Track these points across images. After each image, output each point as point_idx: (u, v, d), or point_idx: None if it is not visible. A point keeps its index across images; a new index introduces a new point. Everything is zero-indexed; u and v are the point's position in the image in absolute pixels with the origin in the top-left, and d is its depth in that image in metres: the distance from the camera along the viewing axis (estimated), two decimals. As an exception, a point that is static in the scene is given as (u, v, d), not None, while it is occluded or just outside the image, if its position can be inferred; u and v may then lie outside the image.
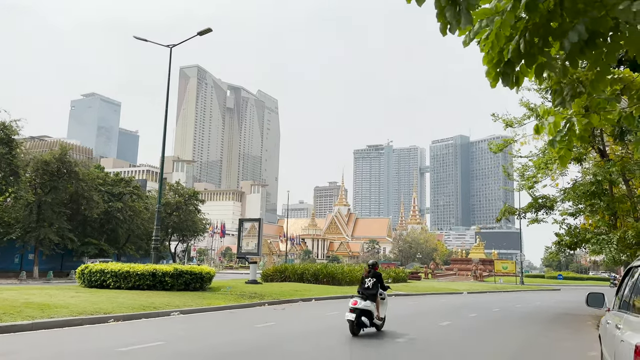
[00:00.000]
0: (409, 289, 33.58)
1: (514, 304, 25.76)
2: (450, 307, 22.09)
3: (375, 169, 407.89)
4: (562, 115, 4.25)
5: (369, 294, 11.27)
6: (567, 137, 4.18)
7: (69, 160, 40.67)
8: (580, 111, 4.29)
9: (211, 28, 21.92)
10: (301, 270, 32.77)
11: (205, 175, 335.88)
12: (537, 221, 20.76)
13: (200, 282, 20.22)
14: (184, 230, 59.21)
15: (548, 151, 19.04)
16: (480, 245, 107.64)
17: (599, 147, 18.80)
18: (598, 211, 18.33)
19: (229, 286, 21.92)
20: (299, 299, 20.97)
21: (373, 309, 11.04)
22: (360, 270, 36.73)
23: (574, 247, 18.98)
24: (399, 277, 43.02)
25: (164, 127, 22.14)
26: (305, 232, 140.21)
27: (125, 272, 19.22)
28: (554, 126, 4.21)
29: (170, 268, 19.54)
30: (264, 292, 21.59)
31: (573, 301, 31.17)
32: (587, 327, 15.99)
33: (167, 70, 23.38)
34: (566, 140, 4.20)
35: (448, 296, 31.98)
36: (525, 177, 20.42)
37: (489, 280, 67.42)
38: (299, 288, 25.16)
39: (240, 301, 17.84)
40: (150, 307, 14.45)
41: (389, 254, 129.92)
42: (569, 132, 4.18)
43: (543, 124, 4.21)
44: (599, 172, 16.22)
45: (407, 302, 23.72)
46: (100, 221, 46.71)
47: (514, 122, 20.38)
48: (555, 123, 4.19)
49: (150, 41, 23.54)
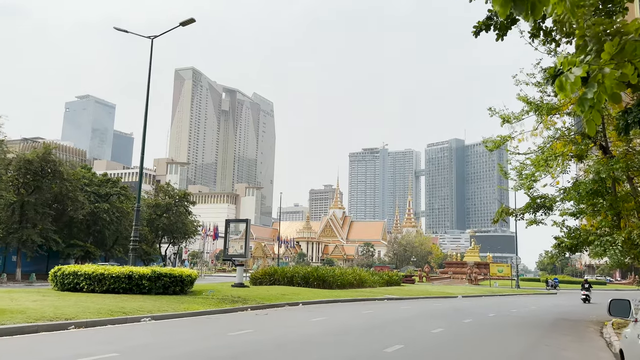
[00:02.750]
0: (402, 293, 32.55)
1: (510, 309, 24.76)
2: (445, 311, 21.07)
3: (370, 172, 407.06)
4: (591, 65, 3.23)
5: None
6: (597, 94, 3.16)
7: (53, 159, 39.44)
8: (609, 62, 3.28)
9: (194, 18, 20.88)
10: (291, 273, 31.68)
11: (199, 178, 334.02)
12: (535, 222, 19.72)
13: (180, 286, 19.12)
14: (175, 232, 58.03)
15: (549, 147, 18.08)
16: (475, 248, 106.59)
17: (601, 143, 17.84)
18: (600, 211, 17.34)
19: (211, 290, 20.80)
20: (286, 303, 19.88)
21: None
22: (353, 274, 35.69)
23: (575, 250, 17.99)
24: (393, 281, 41.95)
25: (144, 120, 21.07)
26: (300, 235, 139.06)
27: (100, 275, 18.10)
28: (579, 84, 3.19)
29: (148, 270, 18.43)
30: (249, 296, 20.50)
31: (570, 305, 30.25)
32: (590, 333, 15.00)
33: (151, 64, 22.26)
34: (596, 100, 3.19)
35: (442, 300, 30.97)
36: (524, 176, 19.40)
37: (484, 284, 66.48)
38: (287, 292, 24.08)
39: (220, 306, 16.73)
40: (120, 312, 13.34)
41: (384, 257, 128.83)
42: (599, 88, 3.16)
43: (567, 77, 3.18)
44: (602, 169, 15.23)
45: (400, 307, 22.69)
46: (86, 222, 45.45)
47: (512, 118, 19.41)
48: (583, 77, 3.17)
49: (131, 32, 22.48)
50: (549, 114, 18.23)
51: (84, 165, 57.79)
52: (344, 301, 23.67)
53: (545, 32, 15.07)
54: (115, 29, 21.99)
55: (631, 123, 14.38)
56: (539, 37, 15.46)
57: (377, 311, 19.45)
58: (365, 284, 35.92)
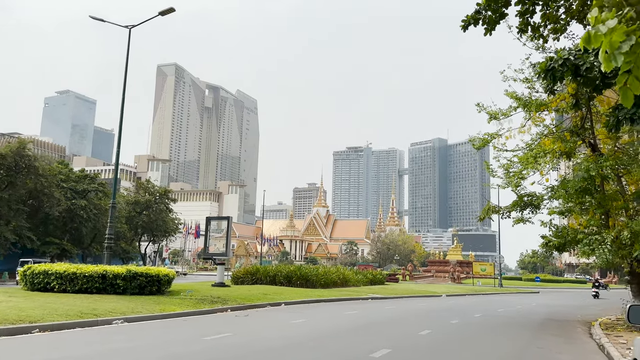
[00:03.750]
0: (387, 292, 32.12)
1: (496, 308, 24.47)
2: (430, 311, 20.64)
3: (354, 170, 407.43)
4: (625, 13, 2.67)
5: None
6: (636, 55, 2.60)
7: (28, 154, 38.19)
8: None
9: (174, 8, 20.11)
10: (274, 272, 31.02)
11: (182, 175, 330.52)
12: (522, 221, 19.36)
13: (157, 286, 18.35)
14: (155, 230, 56.83)
15: (538, 144, 17.71)
16: (457, 247, 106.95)
17: (589, 140, 17.55)
18: (589, 210, 17.03)
19: (190, 290, 20.05)
20: (268, 303, 19.24)
21: None
22: (337, 273, 35.11)
23: (563, 249, 17.66)
24: (377, 279, 41.54)
25: (121, 111, 20.25)
26: (283, 233, 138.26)
27: (72, 274, 17.26)
28: (613, 34, 2.61)
29: (123, 270, 17.62)
30: (229, 296, 19.80)
31: (555, 305, 30.14)
32: (579, 334, 14.66)
33: (129, 55, 21.45)
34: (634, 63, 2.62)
35: (427, 299, 30.62)
36: (511, 173, 19.01)
37: (467, 282, 66.58)
38: (269, 291, 23.43)
39: (199, 307, 16.02)
40: (90, 314, 12.58)
41: (367, 255, 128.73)
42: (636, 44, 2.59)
43: (598, 30, 2.61)
44: (592, 167, 14.88)
45: (384, 307, 22.21)
46: (62, 219, 44.18)
47: (499, 114, 19.02)
48: (615, 29, 2.59)
49: (108, 21, 21.59)
50: (538, 110, 17.88)
51: (60, 160, 56.27)
52: (327, 301, 23.12)
53: (533, 28, 14.68)
54: (91, 18, 21.09)
55: (622, 120, 14.01)
56: (526, 32, 15.05)
57: (361, 311, 18.93)
58: (349, 283, 35.44)
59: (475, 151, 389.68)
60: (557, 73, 11.41)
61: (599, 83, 11.85)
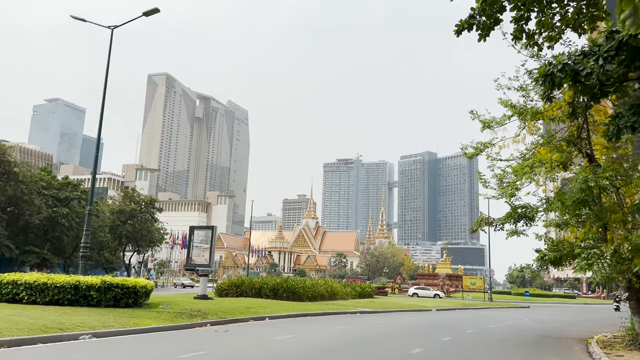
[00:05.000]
0: (375, 306, 31.23)
1: (487, 324, 23.72)
2: (420, 327, 19.83)
3: (344, 182, 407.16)
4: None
5: None
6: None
7: (8, 159, 37.09)
8: None
9: (158, 8, 19.38)
10: (259, 284, 30.05)
11: (170, 185, 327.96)
12: (516, 233, 18.69)
13: (133, 298, 17.35)
14: (139, 239, 55.57)
15: (533, 153, 17.12)
16: (446, 260, 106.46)
17: (586, 151, 16.98)
18: (585, 222, 16.41)
19: (168, 302, 19.06)
20: (251, 317, 18.31)
21: None
22: (325, 285, 34.21)
23: (559, 263, 16.96)
24: (365, 292, 40.56)
25: (100, 114, 19.38)
26: (272, 244, 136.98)
27: (42, 284, 16.25)
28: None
29: (97, 280, 16.63)
30: (210, 309, 18.85)
31: (547, 320, 29.44)
32: (577, 353, 13.94)
33: (110, 54, 20.64)
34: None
35: (416, 314, 29.78)
36: (505, 184, 18.37)
37: (456, 296, 65.84)
38: (253, 304, 22.48)
39: (176, 321, 15.07)
40: (55, 328, 11.63)
41: (356, 267, 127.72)
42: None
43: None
44: (591, 177, 14.28)
45: (373, 321, 21.35)
46: (43, 228, 42.92)
47: (493, 123, 18.44)
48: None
49: (90, 21, 20.80)
50: (533, 119, 17.32)
51: (43, 167, 54.93)
52: (314, 315, 22.22)
53: (528, 35, 14.13)
54: (73, 18, 20.30)
55: (623, 128, 13.37)
56: (521, 39, 14.49)
57: (349, 326, 18.08)
58: (337, 296, 34.54)
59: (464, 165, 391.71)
60: (556, 78, 10.87)
61: (596, 91, 11.31)
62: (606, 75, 10.63)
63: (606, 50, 10.61)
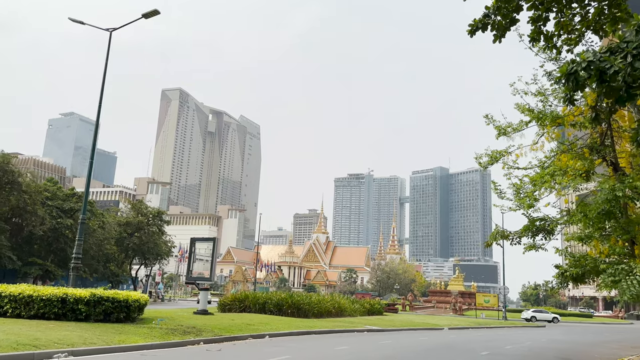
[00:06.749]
0: (384, 324, 29.88)
1: (503, 345, 22.27)
2: (431, 349, 18.52)
3: (355, 197, 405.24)
4: None
5: None
6: None
7: (12, 169, 36.56)
8: None
9: (158, 10, 18.69)
10: (263, 299, 28.91)
11: (182, 199, 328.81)
12: (534, 248, 17.41)
13: (125, 312, 16.34)
14: (146, 252, 54.67)
15: (554, 160, 15.93)
16: (459, 277, 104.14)
17: (610, 159, 15.76)
18: (610, 236, 15.14)
19: (162, 318, 17.99)
20: (249, 335, 17.18)
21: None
22: (332, 301, 32.93)
23: (581, 280, 15.70)
24: (374, 309, 39.07)
25: (97, 114, 18.56)
26: (282, 259, 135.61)
27: (27, 297, 15.32)
28: None
29: (86, 293, 15.66)
30: (207, 325, 17.75)
31: (566, 341, 27.91)
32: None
33: (108, 57, 19.96)
34: None
35: (428, 333, 28.37)
36: (523, 194, 17.15)
37: (469, 314, 63.88)
38: (254, 321, 21.35)
39: (166, 338, 14.00)
40: (29, 345, 10.64)
41: (367, 283, 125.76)
42: None
43: None
44: (618, 187, 13.07)
45: (380, 341, 20.08)
46: (47, 239, 42.24)
47: (509, 129, 17.31)
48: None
49: (88, 24, 20.17)
50: (553, 124, 16.16)
51: (49, 178, 54.56)
52: (318, 333, 21.00)
53: (546, 37, 13.04)
54: (70, 20, 19.67)
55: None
56: (539, 42, 13.40)
57: (354, 346, 16.86)
58: (344, 312, 33.22)
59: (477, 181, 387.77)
60: (580, 78, 9.79)
61: (622, 94, 10.21)
62: (633, 76, 9.56)
63: (635, 47, 9.54)
